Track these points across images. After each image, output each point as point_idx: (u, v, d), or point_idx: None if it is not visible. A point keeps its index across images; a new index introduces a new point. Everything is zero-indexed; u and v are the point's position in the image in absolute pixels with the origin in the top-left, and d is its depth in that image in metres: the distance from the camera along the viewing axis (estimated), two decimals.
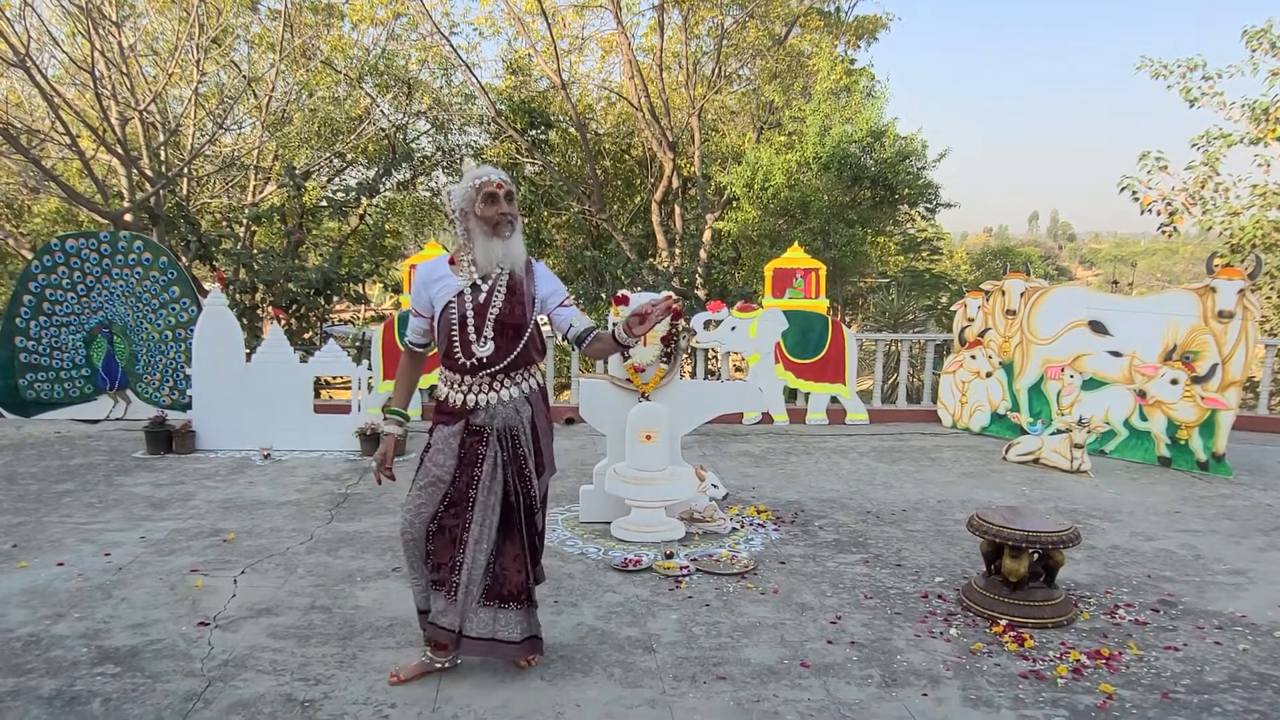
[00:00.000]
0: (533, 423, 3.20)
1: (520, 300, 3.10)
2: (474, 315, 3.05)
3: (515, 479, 3.15)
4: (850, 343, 8.86)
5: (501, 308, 3.06)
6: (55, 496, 5.66)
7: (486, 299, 3.06)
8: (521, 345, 3.10)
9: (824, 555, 4.72)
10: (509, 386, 3.13)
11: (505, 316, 3.06)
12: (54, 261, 8.19)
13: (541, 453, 3.26)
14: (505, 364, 3.08)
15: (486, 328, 3.05)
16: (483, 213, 3.03)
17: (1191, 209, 11.14)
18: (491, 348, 3.05)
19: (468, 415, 3.11)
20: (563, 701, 3.05)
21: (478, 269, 3.08)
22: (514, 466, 3.15)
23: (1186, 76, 10.99)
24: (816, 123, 14.84)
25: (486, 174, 3.07)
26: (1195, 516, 5.61)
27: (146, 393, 8.39)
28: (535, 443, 3.22)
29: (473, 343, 3.05)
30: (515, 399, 3.14)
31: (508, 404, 3.12)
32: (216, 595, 3.98)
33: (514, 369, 3.12)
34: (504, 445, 3.13)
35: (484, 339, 3.05)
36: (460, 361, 3.07)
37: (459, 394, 3.12)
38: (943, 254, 22.32)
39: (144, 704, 2.97)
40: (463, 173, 3.14)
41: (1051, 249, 66.08)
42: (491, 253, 3.05)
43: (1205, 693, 3.18)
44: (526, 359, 3.15)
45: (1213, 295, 6.76)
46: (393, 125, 17.05)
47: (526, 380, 3.19)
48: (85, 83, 12.66)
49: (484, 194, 3.03)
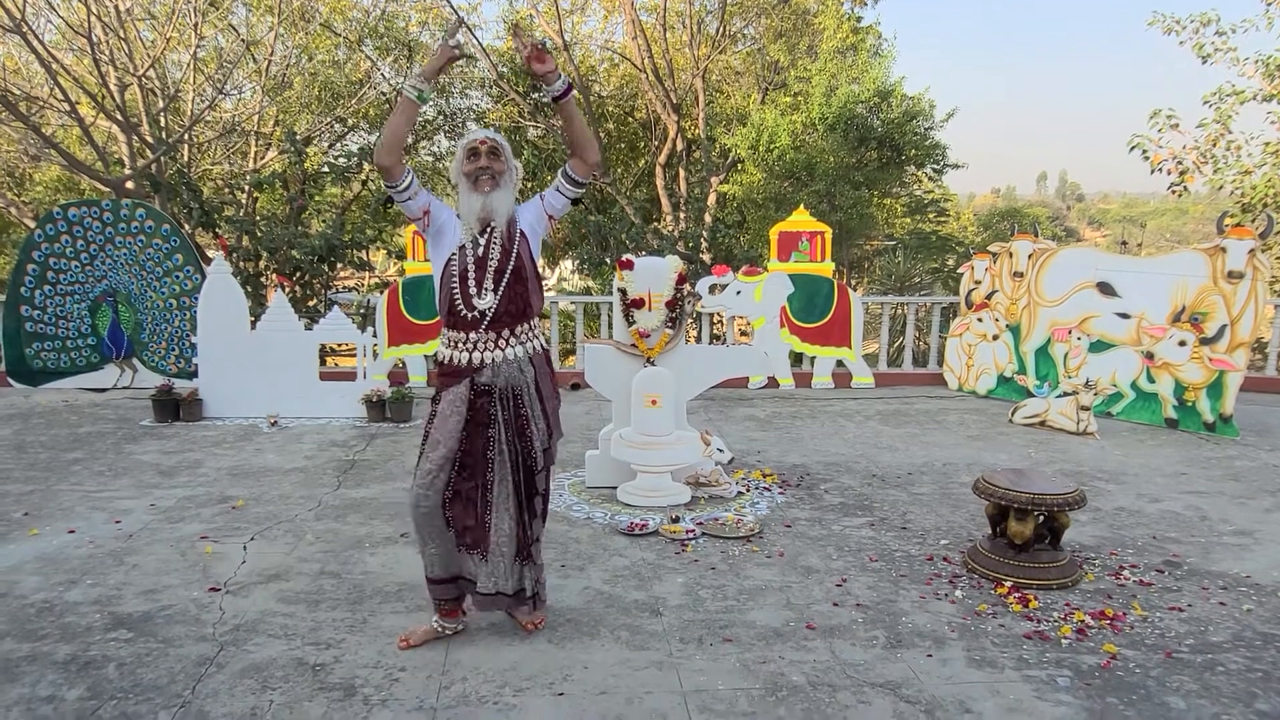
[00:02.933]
0: (537, 384, 3.20)
1: (511, 248, 3.13)
2: (474, 269, 3.10)
3: (516, 439, 3.16)
4: (856, 306, 8.82)
5: (499, 259, 3.11)
6: (65, 465, 5.70)
7: (484, 252, 3.11)
8: (518, 290, 3.12)
9: (829, 519, 4.74)
10: (513, 345, 3.14)
11: (503, 266, 3.11)
12: (57, 230, 8.16)
13: (549, 415, 3.26)
14: (506, 315, 3.10)
15: (486, 279, 3.09)
16: (464, 169, 3.11)
17: (1203, 168, 10.99)
18: (492, 299, 3.09)
19: (473, 374, 3.12)
20: (570, 664, 3.08)
21: (464, 224, 3.13)
22: (515, 426, 3.16)
23: (1199, 32, 10.79)
24: (822, 83, 14.65)
25: (473, 133, 3.15)
26: (1201, 478, 5.61)
27: (152, 361, 8.41)
28: (541, 405, 3.22)
29: (473, 295, 3.09)
30: (519, 358, 3.15)
31: (511, 363, 3.13)
32: (227, 561, 4.01)
33: (516, 322, 3.14)
34: (505, 405, 3.14)
35: (484, 290, 3.09)
36: (463, 314, 3.09)
37: (464, 353, 3.12)
38: (949, 216, 22.14)
39: (157, 668, 3.01)
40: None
41: (1060, 209, 65.56)
42: (471, 206, 3.10)
43: (1209, 652, 3.20)
44: (525, 309, 3.16)
45: (1223, 255, 6.70)
46: (394, 89, 16.83)
47: (530, 340, 3.20)
48: (83, 48, 12.53)
49: (466, 150, 3.12)
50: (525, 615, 3.33)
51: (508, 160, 3.14)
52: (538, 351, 3.23)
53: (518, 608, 3.30)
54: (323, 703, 2.81)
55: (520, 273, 3.13)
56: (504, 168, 3.12)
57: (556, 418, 3.33)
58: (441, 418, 3.13)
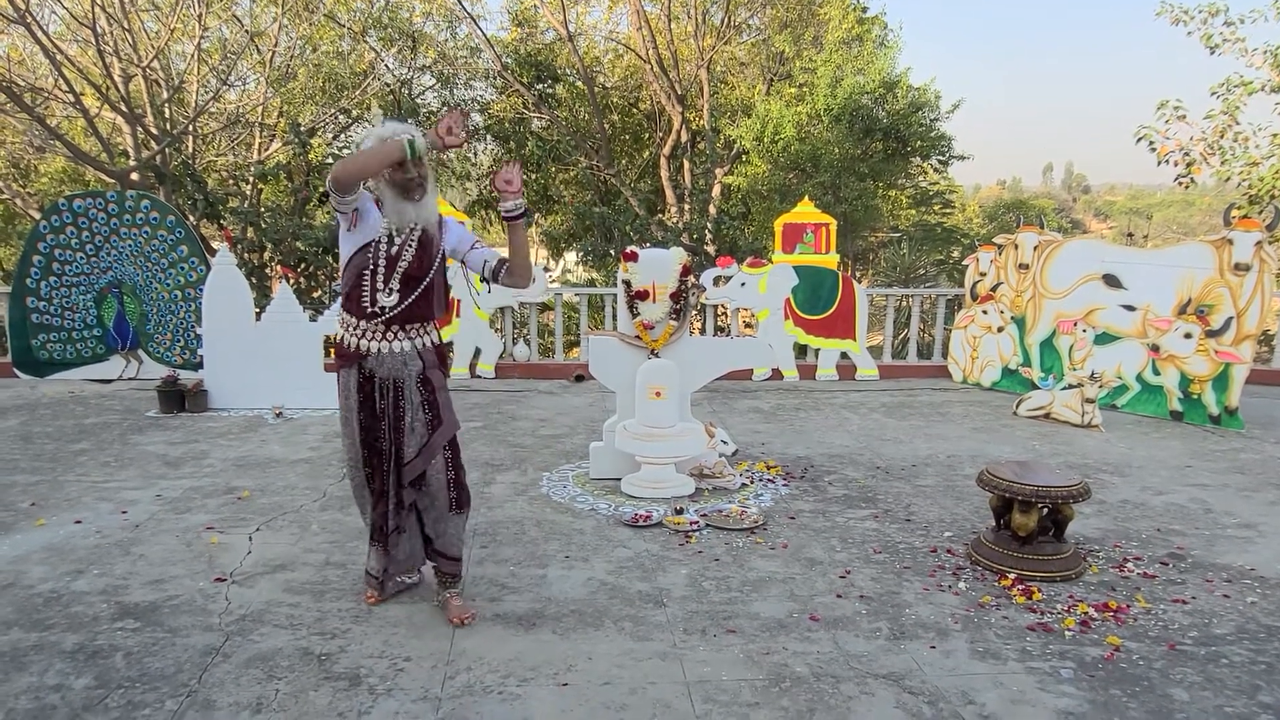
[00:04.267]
0: (424, 377, 3.26)
1: (430, 255, 3.21)
2: (385, 266, 3.15)
3: (390, 430, 3.26)
4: (861, 298, 8.81)
5: (411, 261, 3.16)
6: (71, 455, 5.72)
7: (398, 252, 3.16)
8: (423, 297, 3.20)
9: (833, 510, 4.74)
10: (401, 339, 3.21)
11: (414, 270, 3.17)
12: (62, 221, 8.18)
13: (434, 408, 3.29)
14: (402, 314, 3.18)
15: (394, 279, 3.15)
16: (392, 177, 3.10)
17: (1210, 159, 10.93)
18: (396, 299, 3.15)
19: (360, 360, 3.23)
20: (574, 654, 3.09)
21: (388, 224, 3.16)
22: (392, 416, 3.25)
23: (1208, 22, 10.71)
24: (828, 74, 14.60)
25: (391, 133, 3.06)
26: (1206, 470, 5.60)
27: (158, 352, 8.43)
28: (424, 398, 3.27)
29: (379, 291, 3.15)
30: (405, 351, 3.22)
31: (396, 355, 3.21)
32: (232, 552, 4.03)
33: (410, 321, 3.21)
34: (384, 394, 3.24)
35: (390, 290, 3.15)
36: (365, 308, 3.17)
37: (354, 338, 3.22)
38: (955, 207, 22.08)
39: (164, 657, 3.03)
40: (371, 124, 3.16)
41: (1066, 201, 65.28)
42: (404, 214, 3.14)
43: (1212, 644, 3.20)
44: (425, 312, 3.24)
45: (1229, 247, 6.67)
46: (397, 80, 16.84)
47: (421, 335, 3.26)
48: (87, 39, 12.52)
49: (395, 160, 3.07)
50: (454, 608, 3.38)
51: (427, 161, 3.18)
52: (427, 347, 3.28)
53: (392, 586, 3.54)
54: (328, 692, 2.83)
55: (431, 284, 3.21)
56: (427, 169, 3.17)
57: (449, 411, 3.34)
58: (341, 397, 3.30)
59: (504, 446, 6.10)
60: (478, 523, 4.47)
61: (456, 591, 3.44)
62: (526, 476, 5.36)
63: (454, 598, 3.40)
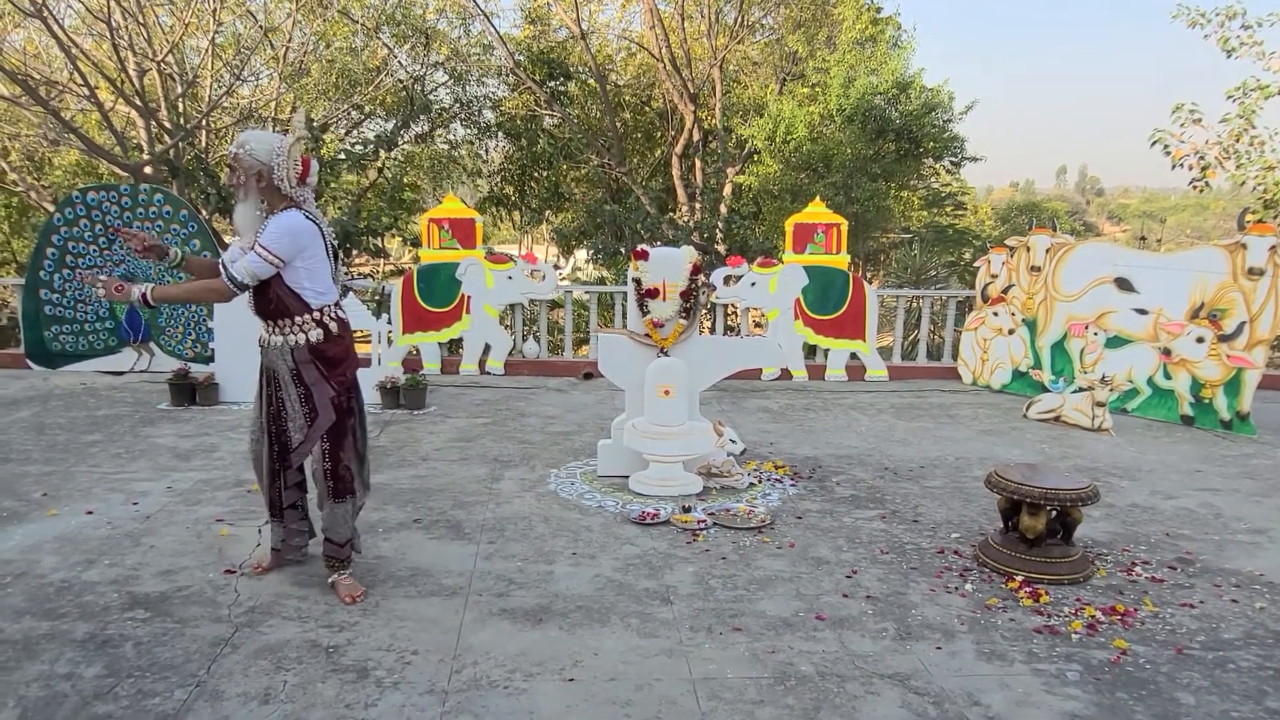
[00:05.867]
0: (296, 373, 3.42)
1: None
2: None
3: (271, 420, 3.51)
4: (871, 299, 8.79)
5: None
6: (83, 447, 5.77)
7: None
8: (256, 294, 3.38)
9: (841, 510, 4.74)
10: (275, 334, 3.42)
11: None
12: (76, 214, 8.24)
13: (312, 399, 3.42)
14: (259, 311, 3.42)
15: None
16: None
17: (1225, 163, 10.85)
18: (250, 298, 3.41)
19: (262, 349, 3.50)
20: (580, 650, 3.10)
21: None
22: (274, 404, 3.49)
23: (1225, 25, 10.62)
24: (841, 74, 14.56)
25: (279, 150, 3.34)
26: (1217, 475, 5.57)
27: (169, 345, 8.48)
28: (297, 391, 3.42)
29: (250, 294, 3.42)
30: (278, 347, 3.42)
31: (274, 349, 3.43)
32: (242, 544, 4.06)
33: (273, 318, 3.40)
34: (270, 383, 3.50)
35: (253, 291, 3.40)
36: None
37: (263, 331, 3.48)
38: (967, 209, 21.99)
39: (174, 648, 3.05)
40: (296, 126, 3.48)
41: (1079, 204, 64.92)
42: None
43: (1220, 649, 3.19)
44: (277, 310, 3.38)
45: (1243, 252, 6.63)
46: (410, 77, 16.86)
47: (290, 333, 3.40)
48: (102, 33, 12.58)
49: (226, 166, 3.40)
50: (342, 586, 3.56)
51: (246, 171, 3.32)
52: (298, 344, 3.40)
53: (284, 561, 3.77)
54: (335, 684, 2.84)
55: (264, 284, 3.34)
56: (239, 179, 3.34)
57: (323, 403, 3.43)
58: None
59: (512, 443, 6.11)
60: (486, 519, 4.49)
61: (345, 573, 3.59)
62: (535, 473, 5.37)
63: (342, 578, 3.58)
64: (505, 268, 8.64)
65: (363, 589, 3.54)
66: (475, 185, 19.26)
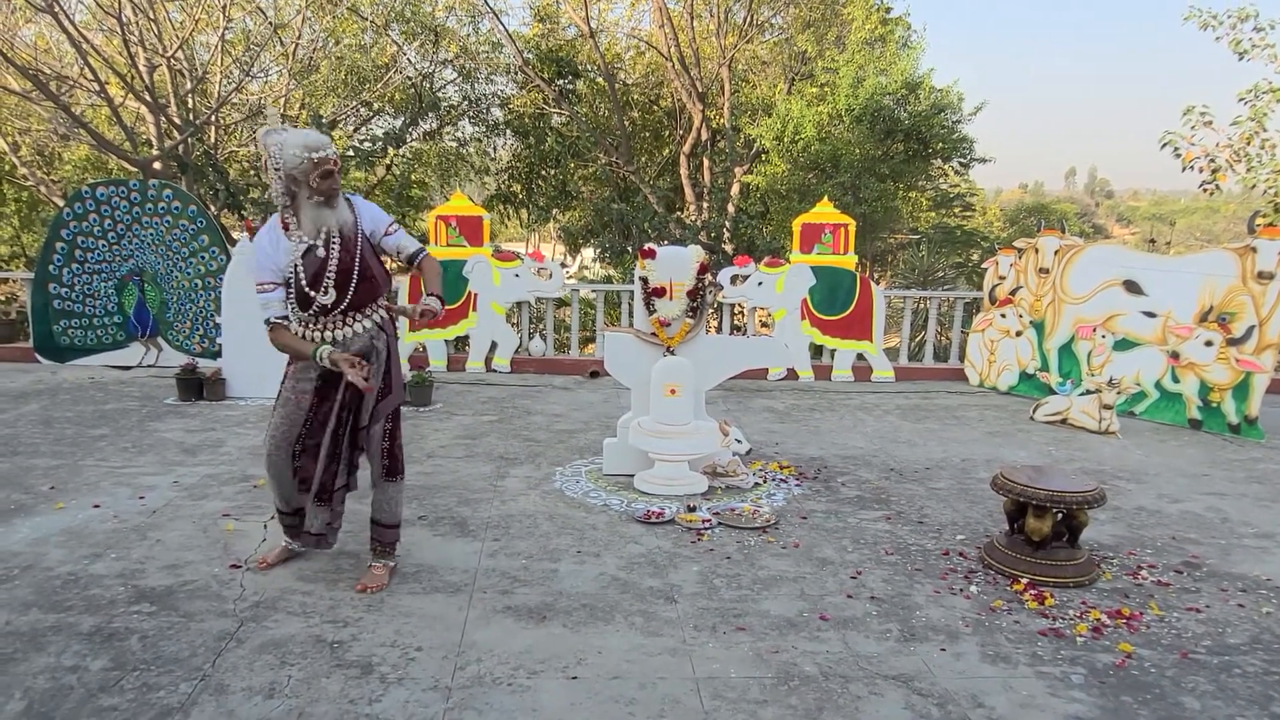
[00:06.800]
0: (388, 348, 3.48)
1: (353, 249, 3.35)
2: (314, 273, 3.29)
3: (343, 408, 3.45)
4: (878, 299, 8.78)
5: (339, 259, 3.31)
6: (90, 441, 5.79)
7: (325, 254, 3.30)
8: (363, 283, 3.35)
9: (846, 511, 4.73)
10: (359, 320, 3.40)
11: (345, 265, 3.32)
12: (85, 209, 8.27)
13: (392, 375, 3.51)
14: (351, 303, 3.35)
15: (325, 280, 3.29)
16: (319, 186, 3.23)
17: (1235, 166, 10.79)
18: (334, 295, 3.31)
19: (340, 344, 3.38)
20: (584, 648, 3.11)
21: (306, 234, 3.28)
22: (347, 394, 3.42)
23: (1237, 28, 10.56)
24: (850, 74, 14.52)
25: (321, 147, 3.21)
26: (1224, 479, 5.55)
27: (177, 340, 8.51)
28: (386, 367, 3.47)
29: (316, 296, 3.30)
30: (368, 330, 3.42)
31: (364, 334, 3.41)
32: (247, 539, 4.07)
33: (357, 308, 3.39)
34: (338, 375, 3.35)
35: (326, 290, 3.30)
36: (311, 310, 3.34)
37: (315, 333, 3.37)
38: (975, 210, 21.95)
39: (179, 641, 3.07)
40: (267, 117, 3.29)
41: (1088, 206, 64.77)
42: (322, 221, 3.27)
43: (1226, 654, 3.17)
44: (372, 295, 3.40)
45: (1253, 255, 6.61)
46: (419, 74, 16.88)
47: (376, 312, 3.45)
48: (112, 28, 12.62)
49: (321, 170, 3.21)
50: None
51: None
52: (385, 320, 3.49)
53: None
54: (340, 679, 2.85)
55: (365, 268, 3.36)
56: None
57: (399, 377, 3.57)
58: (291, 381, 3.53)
59: (518, 441, 6.12)
60: (491, 516, 4.49)
61: (385, 563, 3.64)
62: (540, 471, 5.37)
63: (377, 567, 3.62)
64: (512, 266, 8.65)
65: (382, 583, 3.57)
66: (483, 183, 19.27)
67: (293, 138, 3.21)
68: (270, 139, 3.22)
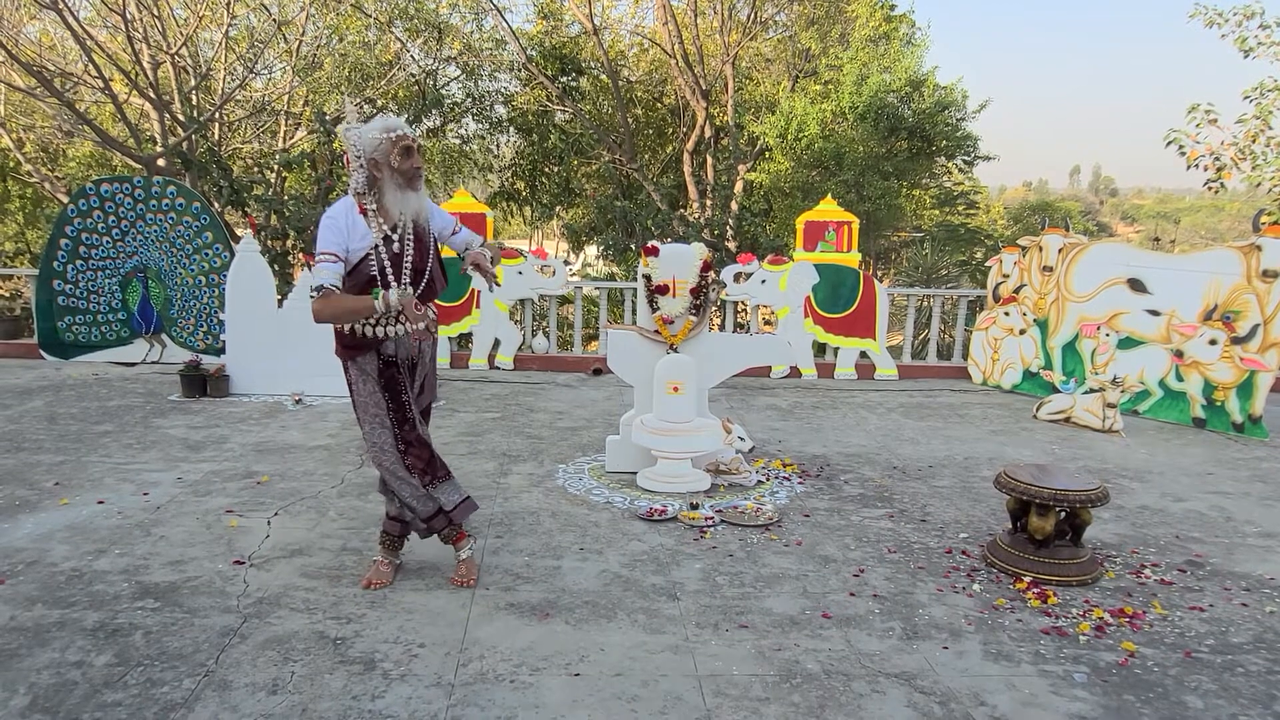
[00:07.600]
0: (432, 350, 3.55)
1: (426, 246, 3.37)
2: (391, 265, 3.25)
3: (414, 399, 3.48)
4: (881, 297, 8.77)
5: (414, 255, 3.30)
6: (94, 437, 5.80)
7: (400, 249, 3.27)
8: (429, 284, 3.39)
9: (848, 509, 4.73)
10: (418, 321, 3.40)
11: (418, 263, 3.32)
12: (89, 205, 8.28)
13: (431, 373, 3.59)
14: (428, 295, 3.41)
15: (403, 275, 3.28)
16: (400, 165, 3.18)
17: (1240, 164, 10.76)
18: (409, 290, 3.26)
19: (378, 345, 3.33)
20: (587, 645, 3.11)
21: (387, 220, 3.24)
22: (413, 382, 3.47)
23: (1242, 25, 10.54)
24: (854, 71, 14.51)
25: (397, 125, 3.18)
26: (1228, 478, 5.54)
27: (181, 337, 8.53)
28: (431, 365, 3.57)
29: (392, 287, 3.23)
30: (425, 328, 3.44)
31: (423, 328, 3.44)
32: (251, 535, 4.08)
33: (426, 302, 3.43)
34: (402, 369, 3.39)
35: (402, 285, 3.26)
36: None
37: (371, 328, 3.31)
38: (979, 208, 21.90)
39: (183, 637, 3.07)
40: (347, 114, 3.32)
41: (1093, 204, 64.63)
42: (406, 205, 3.24)
43: (1229, 653, 3.17)
44: (432, 295, 3.45)
45: (1258, 254, 6.59)
46: (423, 71, 16.88)
47: (430, 308, 3.49)
48: (117, 25, 12.63)
49: (401, 147, 3.16)
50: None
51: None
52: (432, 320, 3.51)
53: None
54: (343, 675, 2.86)
55: (434, 270, 3.41)
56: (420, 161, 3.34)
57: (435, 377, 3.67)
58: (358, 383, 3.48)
59: (521, 438, 6.13)
60: (494, 513, 4.50)
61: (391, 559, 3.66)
62: (543, 468, 5.38)
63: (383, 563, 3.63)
64: (515, 263, 8.65)
65: (386, 580, 3.59)
66: (486, 180, 19.28)
67: (370, 125, 3.20)
68: (350, 133, 3.21)
